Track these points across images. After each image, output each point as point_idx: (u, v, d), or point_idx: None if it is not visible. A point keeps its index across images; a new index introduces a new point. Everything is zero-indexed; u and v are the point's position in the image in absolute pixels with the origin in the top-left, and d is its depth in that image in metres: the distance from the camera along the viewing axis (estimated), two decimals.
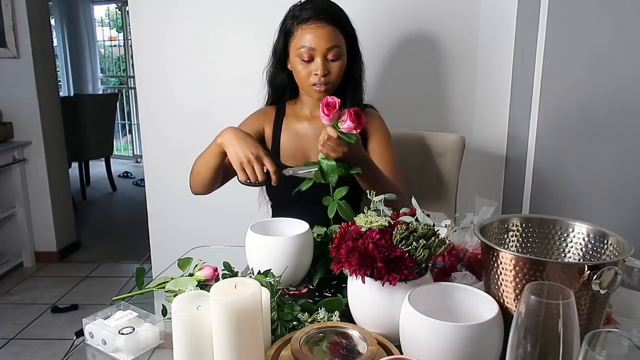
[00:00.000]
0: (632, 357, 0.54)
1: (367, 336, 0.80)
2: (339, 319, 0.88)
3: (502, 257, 0.76)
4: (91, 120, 4.66)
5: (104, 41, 6.86)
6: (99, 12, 6.80)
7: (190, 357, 0.75)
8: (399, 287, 0.81)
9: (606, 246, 0.82)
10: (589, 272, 0.70)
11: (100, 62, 6.87)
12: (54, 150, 3.40)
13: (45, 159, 3.29)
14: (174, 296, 0.82)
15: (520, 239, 0.90)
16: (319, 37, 1.31)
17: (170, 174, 2.12)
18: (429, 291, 0.81)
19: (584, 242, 0.86)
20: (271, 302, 0.84)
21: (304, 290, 1.06)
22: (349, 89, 1.42)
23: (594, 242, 0.84)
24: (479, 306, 0.78)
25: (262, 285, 0.80)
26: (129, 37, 5.89)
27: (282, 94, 1.47)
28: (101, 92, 6.83)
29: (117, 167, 5.95)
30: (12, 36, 3.09)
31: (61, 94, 5.42)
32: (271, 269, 0.96)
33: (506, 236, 0.90)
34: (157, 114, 2.11)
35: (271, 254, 1.02)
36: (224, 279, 0.93)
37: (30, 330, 2.61)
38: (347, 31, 1.37)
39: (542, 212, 1.19)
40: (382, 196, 0.95)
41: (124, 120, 6.90)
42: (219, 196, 1.41)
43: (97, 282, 3.17)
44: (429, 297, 0.80)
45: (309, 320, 0.88)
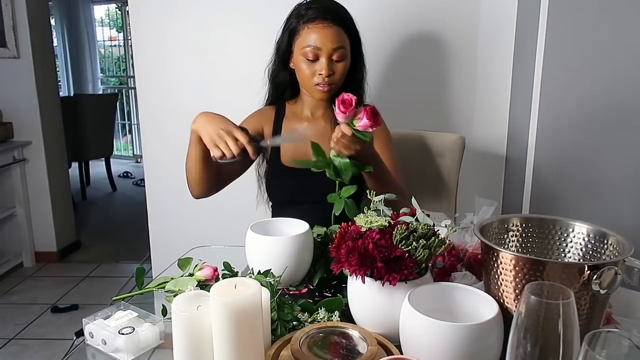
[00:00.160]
0: (632, 357, 0.54)
1: (367, 336, 0.80)
2: (339, 319, 0.88)
3: (502, 257, 0.76)
4: (91, 120, 4.67)
5: (104, 41, 6.86)
6: (99, 12, 6.81)
7: (190, 357, 0.75)
8: (399, 287, 0.81)
9: (606, 246, 0.82)
10: (589, 272, 0.70)
11: (100, 62, 6.87)
12: (54, 150, 3.40)
13: (45, 159, 3.29)
14: (174, 296, 0.82)
15: (520, 239, 0.90)
16: (325, 37, 1.30)
17: (170, 174, 2.12)
18: (429, 291, 0.81)
19: (584, 242, 0.86)
20: (271, 302, 0.84)
21: (304, 290, 1.06)
22: (351, 91, 1.41)
23: (594, 242, 0.84)
24: (479, 306, 0.78)
25: (262, 285, 0.80)
26: (129, 37, 5.89)
27: (282, 92, 1.47)
28: (101, 92, 6.83)
29: (117, 167, 5.95)
30: (12, 36, 3.09)
31: (61, 94, 5.42)
32: (271, 269, 0.96)
33: (506, 236, 0.90)
34: (157, 114, 2.11)
35: (271, 254, 1.02)
36: (224, 279, 0.94)
37: (30, 330, 2.61)
38: (352, 33, 1.37)
39: (542, 212, 1.19)
40: (382, 196, 0.95)
41: (124, 120, 6.90)
42: (219, 196, 1.41)
43: (97, 282, 3.17)
44: (429, 297, 0.80)
45: (309, 320, 0.88)
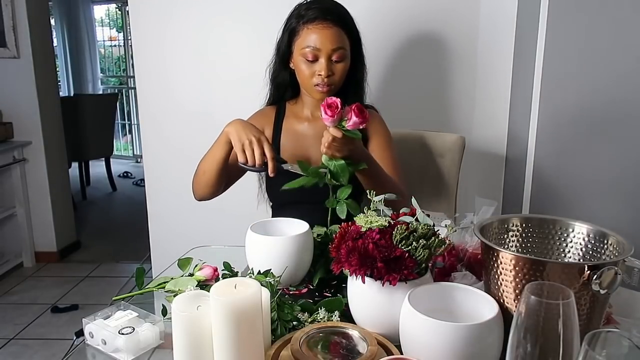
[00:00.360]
0: (632, 357, 0.54)
1: (367, 336, 0.80)
2: (339, 319, 0.88)
3: (502, 257, 0.76)
4: (91, 120, 4.67)
5: (104, 41, 6.86)
6: (99, 12, 6.81)
7: (190, 357, 0.75)
8: (399, 287, 0.81)
9: (606, 246, 0.82)
10: (589, 272, 0.70)
11: (100, 62, 6.87)
12: (54, 150, 3.40)
13: (45, 159, 3.29)
14: (174, 296, 0.82)
15: (520, 239, 0.90)
16: (324, 37, 1.30)
17: (170, 174, 2.12)
18: (429, 291, 0.81)
19: (584, 242, 0.86)
20: (271, 302, 0.84)
21: (304, 290, 1.06)
22: (351, 91, 1.41)
23: (594, 242, 0.84)
24: (479, 306, 0.78)
25: (262, 285, 0.80)
26: (129, 37, 5.89)
27: (283, 92, 1.47)
28: (101, 92, 6.83)
29: (117, 167, 5.95)
30: (12, 36, 3.09)
31: (61, 94, 5.42)
32: (271, 269, 0.96)
33: (506, 236, 0.90)
34: (157, 114, 2.11)
35: (271, 254, 1.02)
36: (224, 279, 0.94)
37: (30, 330, 2.61)
38: (352, 33, 1.37)
39: (542, 212, 1.19)
40: (382, 196, 0.95)
41: (124, 120, 6.90)
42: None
43: (97, 282, 3.17)
44: (429, 297, 0.80)
45: (309, 320, 0.88)
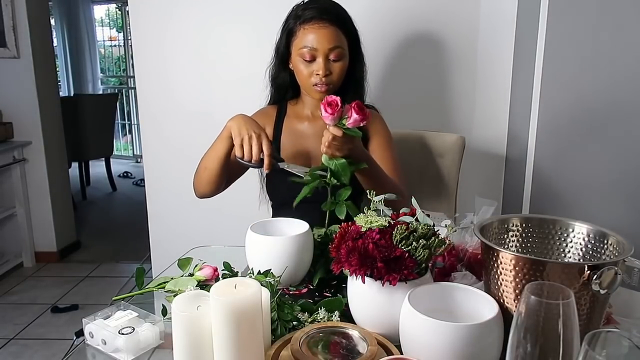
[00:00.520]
0: (632, 357, 0.54)
1: (367, 336, 0.80)
2: (339, 319, 0.88)
3: (502, 257, 0.76)
4: (91, 120, 4.66)
5: (104, 41, 6.86)
6: (99, 12, 6.81)
7: (190, 357, 0.75)
8: (399, 287, 0.81)
9: (606, 246, 0.82)
10: (589, 272, 0.70)
11: (100, 62, 6.87)
12: (54, 150, 3.40)
13: (45, 159, 3.29)
14: (174, 296, 0.82)
15: (520, 239, 0.90)
16: (321, 37, 1.30)
17: (170, 174, 2.12)
18: (429, 291, 0.81)
19: (584, 242, 0.86)
20: (271, 302, 0.84)
21: (304, 290, 1.06)
22: (351, 90, 1.41)
23: (594, 242, 0.84)
24: (479, 306, 0.78)
25: (262, 285, 0.80)
26: (129, 37, 5.89)
27: (284, 93, 1.47)
28: (101, 92, 6.83)
29: (117, 167, 5.95)
30: (12, 36, 3.09)
31: (61, 94, 5.42)
32: (271, 269, 0.96)
33: (506, 236, 0.90)
34: (157, 114, 2.11)
35: (271, 254, 1.02)
36: (224, 279, 0.94)
37: (30, 330, 2.61)
38: (350, 32, 1.37)
39: (542, 212, 1.19)
40: (382, 196, 0.95)
41: (124, 120, 6.90)
42: (219, 196, 1.41)
43: (97, 282, 3.17)
44: (429, 297, 0.80)
45: (309, 320, 0.88)
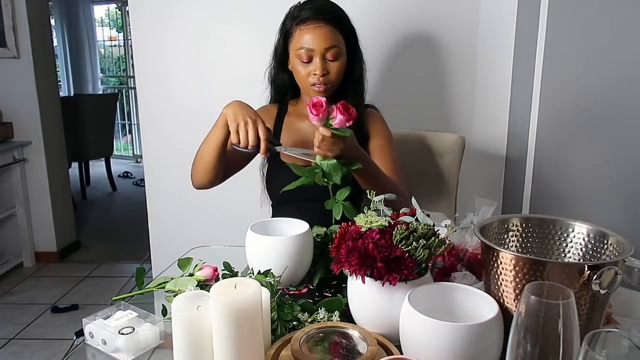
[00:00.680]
0: (632, 357, 0.54)
1: (367, 336, 0.80)
2: (339, 319, 0.88)
3: (502, 257, 0.76)
4: (91, 120, 4.67)
5: (104, 41, 6.86)
6: (99, 12, 6.81)
7: (190, 357, 0.75)
8: (399, 287, 0.81)
9: (606, 246, 0.82)
10: (589, 272, 0.70)
11: (100, 62, 6.87)
12: (54, 150, 3.40)
13: (45, 159, 3.29)
14: (174, 296, 0.82)
15: (520, 239, 0.90)
16: (317, 37, 1.30)
17: (170, 174, 2.12)
18: (429, 291, 0.81)
19: (584, 242, 0.86)
20: (271, 302, 0.84)
21: (304, 290, 1.06)
22: (350, 89, 1.41)
23: (594, 242, 0.84)
24: (479, 306, 0.78)
25: (262, 285, 0.80)
26: (129, 37, 5.89)
27: (284, 94, 1.47)
28: (101, 92, 6.83)
29: (117, 167, 5.96)
30: (12, 36, 3.09)
31: (61, 94, 5.42)
32: (271, 269, 0.96)
33: (506, 236, 0.90)
34: (157, 114, 2.11)
35: (271, 254, 1.02)
36: (224, 279, 0.94)
37: (30, 330, 2.61)
38: (347, 31, 1.37)
39: (542, 212, 1.19)
40: (382, 196, 0.95)
41: (124, 120, 6.90)
42: (219, 196, 1.41)
43: (97, 282, 3.17)
44: (429, 297, 0.80)
45: (309, 320, 0.88)
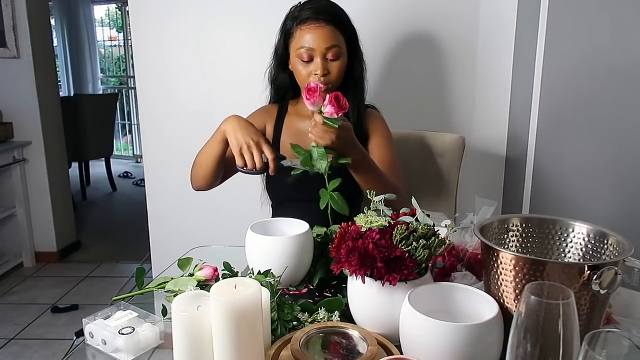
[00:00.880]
0: (632, 357, 0.54)
1: (367, 336, 0.80)
2: (339, 319, 0.88)
3: (502, 257, 0.76)
4: (91, 120, 4.67)
5: (104, 41, 6.86)
6: (99, 12, 6.81)
7: (190, 357, 0.75)
8: (399, 287, 0.81)
9: (606, 246, 0.82)
10: (589, 272, 0.70)
11: (100, 62, 6.87)
12: (54, 150, 3.40)
13: (45, 159, 3.29)
14: (174, 296, 0.82)
15: (520, 239, 0.90)
16: (317, 37, 1.31)
17: (170, 174, 2.12)
18: (429, 291, 0.81)
19: (584, 242, 0.86)
20: (271, 302, 0.84)
21: (304, 290, 1.06)
22: (351, 89, 1.41)
23: (594, 242, 0.84)
24: (479, 306, 0.78)
25: (262, 285, 0.80)
26: (129, 37, 5.89)
27: (284, 94, 1.47)
28: (101, 92, 6.83)
29: (117, 167, 5.96)
30: (12, 36, 3.09)
31: (61, 94, 5.42)
32: (271, 269, 0.96)
33: (506, 236, 0.90)
34: (157, 114, 2.11)
35: (271, 254, 1.02)
36: (224, 279, 0.94)
37: (30, 330, 2.61)
38: (347, 30, 1.37)
39: (542, 212, 1.19)
40: (382, 196, 0.95)
41: (124, 120, 6.90)
42: (219, 196, 1.41)
43: (97, 282, 3.17)
44: (429, 297, 0.80)
45: (309, 320, 0.88)
